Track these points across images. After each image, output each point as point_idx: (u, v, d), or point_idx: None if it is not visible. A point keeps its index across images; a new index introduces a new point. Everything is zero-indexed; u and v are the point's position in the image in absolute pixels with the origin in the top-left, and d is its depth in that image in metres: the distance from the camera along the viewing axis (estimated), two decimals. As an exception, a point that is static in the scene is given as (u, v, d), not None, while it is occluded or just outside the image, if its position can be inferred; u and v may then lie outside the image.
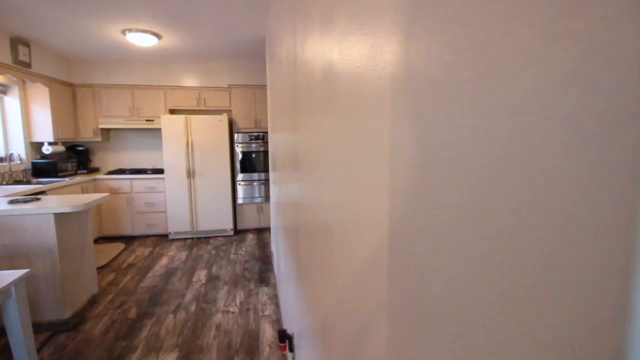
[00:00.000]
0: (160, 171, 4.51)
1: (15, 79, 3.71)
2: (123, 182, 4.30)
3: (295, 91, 1.32)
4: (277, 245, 2.75)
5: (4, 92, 3.83)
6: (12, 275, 1.49)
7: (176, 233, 4.36)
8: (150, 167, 4.87)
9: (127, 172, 4.46)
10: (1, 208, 2.20)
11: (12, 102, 3.86)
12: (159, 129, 4.67)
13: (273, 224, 3.35)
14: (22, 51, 3.49)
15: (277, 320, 2.37)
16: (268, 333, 2.23)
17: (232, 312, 2.50)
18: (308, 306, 1.16)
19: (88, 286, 2.62)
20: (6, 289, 1.42)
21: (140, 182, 4.33)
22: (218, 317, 2.44)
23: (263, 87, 4.55)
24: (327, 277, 0.84)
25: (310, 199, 1.07)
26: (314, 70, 0.90)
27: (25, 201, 2.38)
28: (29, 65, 3.57)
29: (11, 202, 2.36)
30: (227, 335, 2.22)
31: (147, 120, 4.53)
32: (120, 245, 4.04)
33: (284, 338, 1.52)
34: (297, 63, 1.18)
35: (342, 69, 0.63)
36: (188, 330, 2.28)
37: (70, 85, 4.36)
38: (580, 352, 0.20)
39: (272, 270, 3.26)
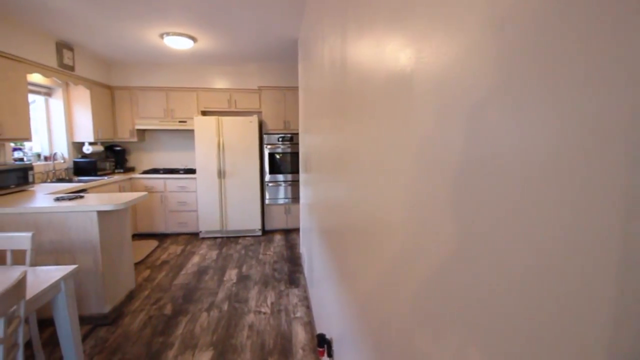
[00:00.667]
0: (191, 171, 4.62)
1: (60, 82, 3.91)
2: (157, 181, 4.44)
3: (341, 93, 1.29)
4: (309, 247, 2.73)
5: (49, 95, 4.05)
6: (61, 270, 1.55)
7: (206, 232, 4.44)
8: (182, 167, 5.00)
9: (161, 171, 4.60)
10: (48, 205, 2.31)
11: (56, 103, 4.06)
12: (192, 130, 4.79)
13: (303, 226, 3.34)
14: (67, 55, 3.67)
15: (309, 323, 2.35)
16: (301, 336, 2.22)
17: (264, 313, 2.50)
18: (353, 311, 1.13)
19: (126, 282, 2.70)
20: (56, 284, 1.48)
21: (173, 182, 4.46)
22: (250, 317, 2.45)
23: (293, 88, 4.56)
24: (383, 281, 0.81)
25: (359, 201, 1.04)
26: (373, 72, 0.87)
27: (70, 199, 2.48)
28: (72, 68, 3.75)
29: (57, 199, 2.48)
30: (260, 335, 2.22)
31: (180, 122, 4.65)
32: (153, 243, 4.17)
33: (323, 342, 1.50)
34: (347, 64, 1.15)
35: (421, 71, 0.59)
36: (222, 328, 2.30)
37: (109, 87, 4.55)
38: None
39: (301, 272, 3.25)
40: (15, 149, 3.53)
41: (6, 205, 2.30)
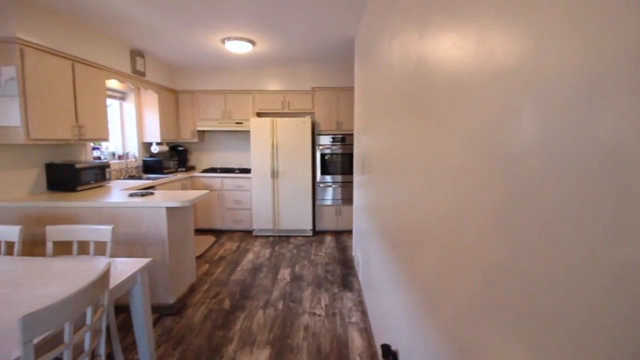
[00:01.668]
0: (246, 171, 4.78)
1: (133, 87, 4.25)
2: (215, 180, 4.65)
3: (415, 92, 1.21)
4: (365, 251, 2.66)
5: (123, 99, 4.42)
6: (138, 263, 1.65)
7: (260, 230, 4.56)
8: (238, 166, 5.19)
9: (218, 170, 4.82)
10: (124, 200, 2.50)
11: (128, 107, 4.43)
12: (247, 131, 4.96)
13: (357, 228, 3.27)
14: (139, 62, 3.97)
15: (365, 330, 2.28)
16: (357, 342, 2.15)
17: (319, 315, 2.48)
18: (431, 327, 1.04)
19: (188, 275, 2.84)
20: (134, 276, 1.58)
21: (230, 181, 4.64)
22: (305, 318, 2.43)
23: (347, 88, 4.52)
24: (476, 302, 0.71)
25: (438, 201, 0.95)
26: (461, 71, 0.78)
27: (142, 195, 2.67)
28: (143, 74, 4.05)
29: (131, 195, 2.67)
30: (316, 338, 2.19)
31: (236, 123, 4.83)
32: (211, 238, 4.37)
33: (388, 354, 1.42)
34: (427, 63, 1.07)
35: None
36: (278, 327, 2.32)
37: (174, 91, 4.86)
38: None
39: (354, 275, 3.18)
40: (94, 149, 3.90)
41: (88, 199, 2.53)
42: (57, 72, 2.70)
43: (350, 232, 4.66)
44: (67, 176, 2.85)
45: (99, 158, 3.87)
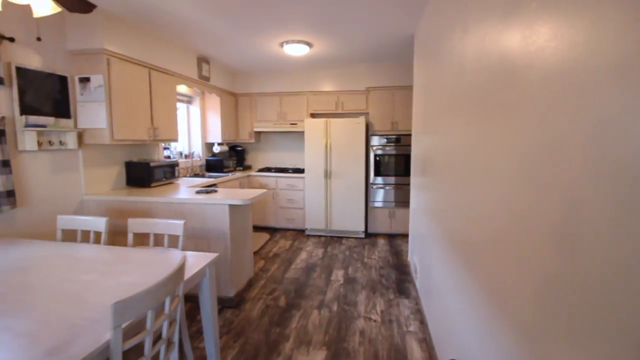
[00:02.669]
0: (299, 170, 4.86)
1: (198, 91, 4.55)
2: (270, 179, 4.80)
3: (494, 92, 1.11)
4: (423, 256, 2.54)
5: (189, 102, 4.75)
6: (207, 257, 1.74)
7: (312, 229, 4.61)
8: (291, 166, 5.31)
9: (273, 170, 4.96)
10: (192, 197, 2.67)
11: (194, 110, 4.75)
12: (301, 132, 5.04)
13: (414, 232, 3.15)
14: (204, 68, 4.23)
15: (425, 341, 2.17)
16: (417, 354, 2.06)
17: (374, 321, 2.42)
18: (504, 340, 0.95)
19: (247, 270, 2.95)
20: (203, 269, 1.67)
21: (284, 180, 4.75)
22: (360, 323, 2.39)
23: (403, 87, 4.39)
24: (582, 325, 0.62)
25: (510, 210, 0.86)
26: (565, 66, 0.69)
27: (207, 192, 2.82)
28: (208, 79, 4.31)
29: (197, 192, 2.84)
30: (372, 344, 2.15)
31: (291, 124, 4.94)
32: (265, 236, 4.51)
33: (456, 370, 1.33)
34: (514, 57, 0.97)
35: None
36: (333, 329, 2.31)
37: (234, 94, 5.11)
38: None
39: (410, 282, 3.07)
40: (164, 148, 4.23)
41: (161, 195, 2.74)
42: (136, 79, 2.98)
43: (404, 235, 4.51)
44: (143, 173, 3.13)
45: (168, 157, 4.19)
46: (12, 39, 2.24)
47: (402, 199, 4.46)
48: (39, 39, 2.12)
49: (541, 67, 0.83)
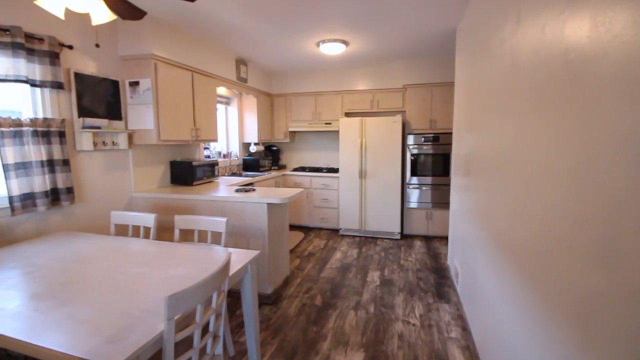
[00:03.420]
0: (333, 170, 4.85)
1: (237, 92, 4.67)
2: (304, 178, 4.83)
3: (555, 88, 1.03)
4: (466, 261, 2.44)
5: (228, 103, 4.89)
6: (249, 254, 1.78)
7: (346, 229, 4.59)
8: (325, 166, 5.31)
9: (307, 169, 4.99)
10: (232, 195, 2.74)
11: (232, 111, 4.89)
12: (335, 131, 5.04)
13: (454, 235, 3.03)
14: (242, 69, 4.34)
15: (468, 348, 2.08)
16: (460, 360, 1.98)
17: (413, 325, 2.36)
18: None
19: (283, 268, 2.99)
20: (246, 266, 1.70)
21: (318, 179, 4.77)
22: (399, 326, 2.34)
23: (443, 84, 4.25)
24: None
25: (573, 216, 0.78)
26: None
27: (246, 191, 2.89)
28: (245, 80, 4.41)
29: (237, 191, 2.92)
30: (412, 349, 2.09)
31: (325, 123, 4.94)
32: (300, 234, 4.55)
33: (508, 381, 1.25)
34: (582, 49, 0.90)
35: None
36: (370, 332, 2.27)
37: (269, 95, 5.20)
38: None
39: (450, 286, 2.96)
40: (204, 148, 4.39)
41: (202, 193, 2.84)
42: (180, 81, 3.11)
43: (442, 238, 4.36)
44: (186, 172, 3.26)
45: (208, 157, 4.34)
46: (70, 47, 2.42)
47: (439, 200, 4.31)
48: (97, 45, 2.27)
49: (616, 58, 0.75)
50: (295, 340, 2.18)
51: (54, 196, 2.28)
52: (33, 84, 2.15)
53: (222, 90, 4.43)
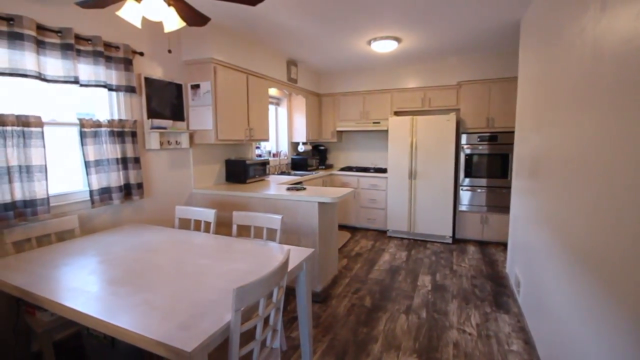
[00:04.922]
0: (381, 170, 4.77)
1: (287, 93, 4.78)
2: (351, 178, 4.81)
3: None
4: (529, 269, 2.26)
5: (277, 104, 5.02)
6: (304, 252, 1.81)
7: (394, 231, 4.49)
8: (372, 166, 5.25)
9: (354, 169, 4.96)
10: (285, 193, 2.80)
11: (281, 111, 5.01)
12: (383, 131, 4.95)
13: (515, 241, 2.83)
14: (292, 70, 4.42)
15: (533, 363, 1.93)
16: (524, 376, 1.84)
17: (469, 334, 2.24)
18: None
19: (332, 267, 3.00)
20: (301, 264, 1.73)
21: (365, 180, 4.72)
22: (454, 334, 2.23)
23: (502, 80, 3.98)
24: None
25: None
26: None
27: (297, 189, 2.94)
28: (295, 81, 4.49)
29: (288, 189, 2.98)
30: (469, 359, 1.98)
31: (374, 123, 4.88)
32: (347, 234, 4.54)
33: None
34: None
35: None
36: (423, 337, 2.20)
37: (318, 95, 5.25)
38: None
39: (509, 295, 2.77)
40: (256, 147, 4.55)
41: (256, 191, 2.94)
42: (236, 84, 3.25)
43: (499, 244, 4.10)
44: (240, 170, 3.40)
45: (259, 156, 4.49)
46: (141, 53, 2.63)
47: (496, 204, 4.05)
48: (169, 51, 2.44)
49: None
50: (345, 340, 2.18)
51: (126, 191, 2.50)
52: (110, 88, 2.37)
53: (272, 91, 4.55)
